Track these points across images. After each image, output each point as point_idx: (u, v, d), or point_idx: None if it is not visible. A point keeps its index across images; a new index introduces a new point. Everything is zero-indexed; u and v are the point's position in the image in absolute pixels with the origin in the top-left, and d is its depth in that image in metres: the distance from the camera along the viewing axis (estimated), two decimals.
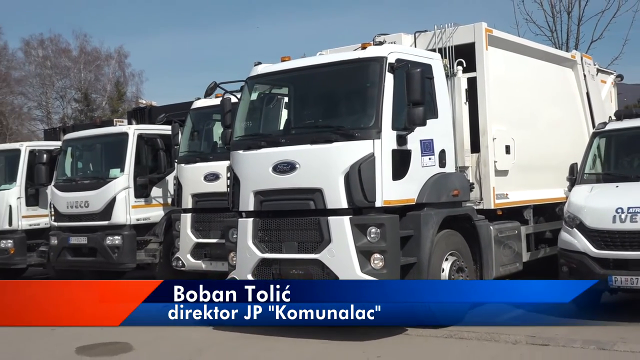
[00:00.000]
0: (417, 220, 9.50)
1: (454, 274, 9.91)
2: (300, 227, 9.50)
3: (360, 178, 9.01)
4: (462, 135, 10.85)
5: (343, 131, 9.34)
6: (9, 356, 9.30)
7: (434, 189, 9.81)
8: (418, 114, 9.10)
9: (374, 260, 9.04)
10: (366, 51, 9.59)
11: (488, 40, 11.05)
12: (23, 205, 16.55)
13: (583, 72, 13.84)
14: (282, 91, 10.66)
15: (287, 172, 9.48)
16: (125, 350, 9.43)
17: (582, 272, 9.47)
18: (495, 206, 10.99)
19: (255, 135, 10.26)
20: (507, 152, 11.26)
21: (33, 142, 19.36)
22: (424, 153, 9.76)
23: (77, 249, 15.01)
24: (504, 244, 11.01)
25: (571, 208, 10.06)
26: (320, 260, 9.27)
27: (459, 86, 10.83)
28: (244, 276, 9.83)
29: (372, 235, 9.05)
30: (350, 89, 9.87)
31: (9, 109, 56.77)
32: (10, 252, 16.28)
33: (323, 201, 9.26)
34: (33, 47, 58.79)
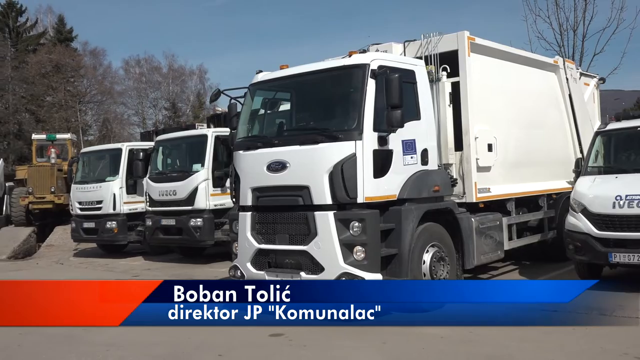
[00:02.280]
0: (398, 214, 8.31)
1: (435, 264, 8.67)
2: (290, 221, 8.46)
3: (342, 176, 7.94)
4: (446, 135, 9.58)
5: (328, 133, 8.25)
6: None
7: (415, 186, 8.59)
8: (396, 116, 7.98)
9: (356, 252, 7.94)
10: (351, 59, 8.43)
11: (470, 47, 9.69)
12: (124, 194, 16.86)
13: (565, 76, 12.33)
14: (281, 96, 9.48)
15: (279, 171, 8.43)
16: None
17: (586, 250, 9.26)
18: (477, 199, 9.69)
19: (254, 137, 9.18)
20: (489, 150, 9.93)
21: (132, 142, 19.37)
22: (405, 152, 8.56)
23: (167, 229, 15.13)
24: (485, 234, 9.68)
25: (577, 196, 9.62)
26: (308, 252, 8.22)
27: (443, 90, 9.55)
28: (244, 264, 8.90)
29: (355, 229, 7.94)
30: (336, 93, 8.72)
31: (113, 116, 57.55)
32: (114, 231, 16.66)
33: (310, 197, 8.19)
34: (131, 65, 59.81)
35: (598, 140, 10.35)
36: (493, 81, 10.28)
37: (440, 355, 6.93)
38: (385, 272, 8.22)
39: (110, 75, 59.46)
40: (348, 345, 7.33)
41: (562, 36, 22.23)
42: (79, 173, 18.14)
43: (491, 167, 9.98)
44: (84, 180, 17.67)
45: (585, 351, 6.87)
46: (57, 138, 25.63)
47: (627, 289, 9.13)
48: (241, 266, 8.90)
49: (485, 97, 9.96)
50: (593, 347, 6.97)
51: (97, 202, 16.94)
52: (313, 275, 8.12)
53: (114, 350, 7.45)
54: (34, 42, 57.37)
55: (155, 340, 7.65)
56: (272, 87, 9.27)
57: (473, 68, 9.68)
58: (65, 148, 25.15)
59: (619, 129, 10.25)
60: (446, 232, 8.99)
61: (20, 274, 15.20)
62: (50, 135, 25.96)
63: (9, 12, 56.96)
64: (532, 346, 7.04)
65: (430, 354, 6.95)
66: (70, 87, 56.13)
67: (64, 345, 7.11)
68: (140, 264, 15.96)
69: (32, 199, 21.70)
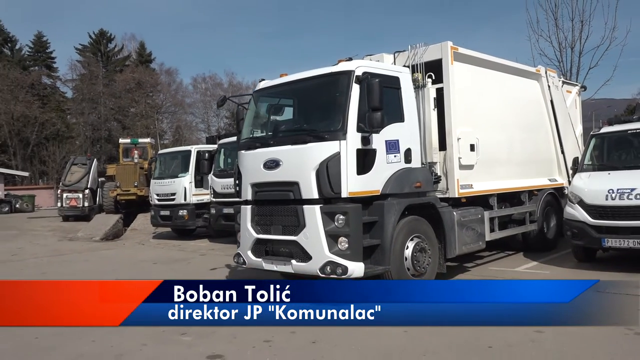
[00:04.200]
0: (381, 208, 7.41)
1: (416, 254, 7.73)
2: (283, 214, 7.64)
3: (327, 173, 7.11)
4: (431, 136, 8.57)
5: (315, 134, 7.40)
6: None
7: (397, 182, 7.66)
8: (376, 118, 7.11)
9: (340, 243, 7.09)
10: (337, 66, 7.55)
11: (453, 56, 8.66)
12: (193, 187, 16.67)
13: (547, 84, 11.18)
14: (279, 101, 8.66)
15: (274, 168, 7.63)
16: None
17: (582, 236, 9.01)
18: (459, 195, 8.65)
19: (254, 138, 8.39)
20: (471, 150, 8.89)
21: (199, 145, 18.85)
22: (389, 151, 7.64)
23: (228, 216, 14.45)
24: (467, 226, 8.66)
25: (574, 189, 9.37)
26: (297, 242, 7.39)
27: (428, 95, 8.54)
28: (245, 252, 8.15)
29: (339, 221, 7.09)
30: (325, 97, 7.81)
31: (184, 124, 57.75)
32: (185, 218, 16.52)
33: (299, 192, 7.36)
34: (198, 82, 60.24)
35: (593, 142, 10.01)
36: (476, 87, 9.22)
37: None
38: (369, 261, 7.36)
39: (181, 90, 59.93)
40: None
41: (561, 53, 21.46)
42: (156, 170, 18.04)
43: (474, 165, 8.96)
44: (161, 176, 17.55)
45: (584, 351, 5.62)
46: (139, 142, 25.79)
47: (617, 268, 8.94)
48: (243, 254, 8.18)
49: (468, 101, 8.93)
50: (591, 347, 5.74)
51: (171, 194, 16.83)
52: (302, 263, 7.32)
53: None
54: (121, 63, 58.03)
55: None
56: (271, 93, 8.46)
57: (456, 75, 8.66)
58: (146, 150, 25.19)
59: (611, 132, 9.94)
60: (429, 224, 8.04)
61: (110, 252, 15.06)
62: (133, 140, 26.10)
63: (101, 40, 57.80)
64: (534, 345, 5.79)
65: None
66: (150, 100, 56.64)
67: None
68: (205, 245, 15.64)
69: (119, 191, 21.86)
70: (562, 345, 5.55)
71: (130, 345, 5.87)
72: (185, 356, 5.59)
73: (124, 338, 6.07)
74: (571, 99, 12.46)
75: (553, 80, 11.29)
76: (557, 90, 11.40)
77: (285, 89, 8.24)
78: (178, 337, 6.11)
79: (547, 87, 11.09)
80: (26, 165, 52.28)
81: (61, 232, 20.95)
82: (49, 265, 12.52)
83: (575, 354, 5.41)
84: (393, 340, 5.80)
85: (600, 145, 10.05)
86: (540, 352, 5.42)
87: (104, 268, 11.88)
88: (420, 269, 7.71)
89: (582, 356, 5.39)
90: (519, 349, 5.48)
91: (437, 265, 8.10)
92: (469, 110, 8.92)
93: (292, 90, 8.20)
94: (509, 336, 5.73)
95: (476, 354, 5.42)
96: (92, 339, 6.08)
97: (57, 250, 15.40)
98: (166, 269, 11.22)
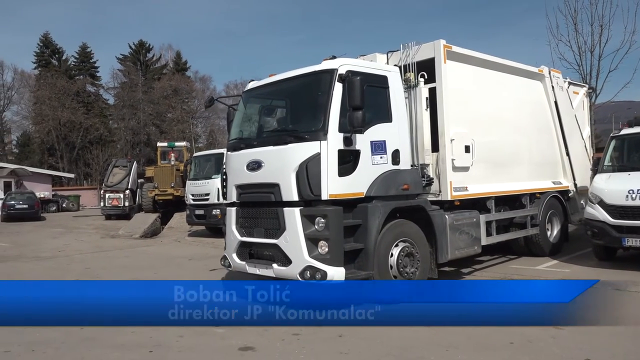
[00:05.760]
0: (365, 211, 6.72)
1: (403, 258, 6.99)
2: (265, 216, 7.03)
3: (307, 174, 6.46)
4: (423, 137, 7.81)
5: (296, 134, 6.77)
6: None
7: (382, 184, 6.95)
8: (357, 117, 6.44)
9: (320, 247, 6.44)
10: (321, 64, 6.87)
11: (446, 55, 7.90)
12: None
13: (551, 84, 10.25)
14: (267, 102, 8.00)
15: (256, 170, 7.04)
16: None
17: (602, 235, 8.70)
18: (452, 198, 7.88)
19: (239, 139, 7.76)
20: (466, 151, 8.11)
21: None
22: (374, 152, 6.93)
23: None
24: (461, 230, 7.87)
25: (594, 190, 9.02)
26: (278, 245, 6.76)
27: (420, 95, 7.78)
28: (231, 255, 7.57)
29: (320, 224, 6.43)
30: (308, 97, 7.14)
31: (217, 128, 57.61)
32: (218, 216, 15.90)
33: (280, 194, 6.73)
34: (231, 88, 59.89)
35: (613, 143, 9.63)
36: (471, 87, 8.43)
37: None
38: (353, 266, 6.69)
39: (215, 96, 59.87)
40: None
41: (581, 57, 20.33)
42: (191, 172, 17.85)
43: (469, 167, 8.17)
44: (196, 178, 17.32)
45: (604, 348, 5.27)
46: (175, 145, 25.88)
47: (638, 267, 8.67)
48: (228, 256, 7.61)
49: (463, 101, 8.15)
50: (611, 345, 5.43)
51: (205, 195, 16.53)
52: (283, 267, 6.70)
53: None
54: (158, 72, 58.49)
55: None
56: (259, 94, 7.83)
57: (450, 74, 7.91)
58: (182, 153, 25.25)
59: (631, 134, 9.55)
60: (418, 228, 7.30)
61: (149, 249, 15.09)
62: (170, 143, 26.26)
63: (140, 50, 58.38)
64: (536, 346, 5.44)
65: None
66: (185, 106, 56.89)
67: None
68: None
69: (157, 192, 21.87)
70: (582, 342, 5.31)
71: (168, 336, 5.81)
72: (219, 347, 5.50)
73: (162, 330, 6.00)
74: (578, 100, 11.49)
75: (557, 81, 10.37)
76: (561, 91, 10.47)
77: (272, 89, 7.62)
78: (212, 329, 6.00)
79: (550, 87, 10.18)
80: (72, 168, 53.14)
81: (104, 230, 21.26)
82: (93, 260, 12.70)
83: (594, 350, 5.05)
84: (417, 334, 5.65)
85: (620, 146, 9.66)
86: (560, 348, 5.12)
87: (142, 263, 11.93)
88: (406, 274, 6.98)
89: (601, 353, 5.02)
90: (539, 345, 5.23)
91: (427, 271, 7.37)
92: (463, 110, 8.15)
93: (278, 90, 7.58)
94: (530, 332, 5.56)
95: (497, 349, 5.17)
96: (132, 330, 6.05)
97: (100, 247, 15.62)
98: (200, 265, 11.14)
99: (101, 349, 5.53)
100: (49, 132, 52.36)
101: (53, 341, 5.81)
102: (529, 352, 5.04)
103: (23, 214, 27.98)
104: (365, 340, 5.47)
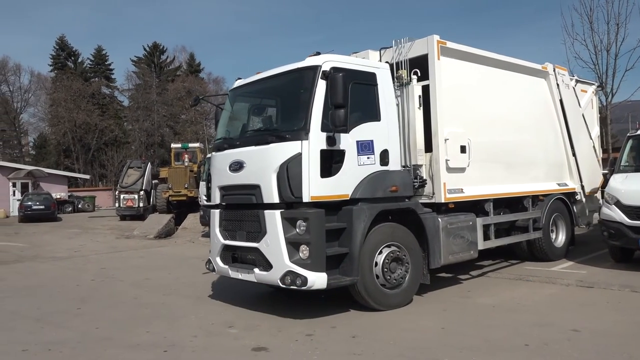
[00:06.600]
0: (350, 214, 6.40)
1: (390, 264, 6.67)
2: (247, 219, 6.76)
3: (287, 175, 6.18)
4: (415, 136, 7.45)
5: (277, 133, 6.50)
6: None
7: (369, 186, 6.63)
8: (339, 115, 6.12)
9: (302, 251, 6.15)
10: (304, 61, 6.58)
11: (440, 51, 7.57)
12: None
13: (556, 82, 9.81)
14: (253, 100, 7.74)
15: (238, 171, 6.79)
16: None
17: (619, 236, 8.52)
18: (446, 200, 7.52)
19: (223, 138, 7.52)
20: (462, 152, 7.75)
21: None
22: (361, 152, 6.62)
23: None
24: (455, 234, 7.49)
25: (610, 190, 8.82)
26: (259, 249, 6.49)
27: (413, 93, 7.44)
28: (215, 258, 7.33)
29: (301, 228, 6.14)
30: (291, 95, 6.89)
31: None
32: None
33: (261, 196, 6.45)
34: None
35: (630, 143, 9.47)
36: (468, 84, 8.06)
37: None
38: (338, 271, 6.40)
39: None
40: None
41: (596, 56, 19.86)
42: (205, 173, 17.81)
43: (465, 168, 7.81)
44: (209, 178, 17.16)
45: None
46: (189, 146, 25.95)
47: None
48: (213, 260, 7.38)
49: (458, 100, 7.79)
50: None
51: None
52: (264, 272, 6.44)
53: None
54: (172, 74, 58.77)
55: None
56: (245, 92, 7.58)
57: (444, 71, 7.57)
58: (195, 154, 25.35)
59: None
60: (409, 232, 6.97)
61: (163, 249, 15.20)
62: (184, 145, 26.26)
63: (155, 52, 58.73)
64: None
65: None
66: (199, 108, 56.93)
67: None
68: None
69: (171, 192, 21.99)
70: (598, 344, 5.14)
71: (181, 337, 5.86)
72: (233, 347, 5.49)
73: (176, 330, 6.15)
74: (586, 98, 11.05)
75: (563, 79, 9.93)
76: (567, 89, 10.03)
77: (257, 87, 7.35)
78: (225, 329, 6.13)
79: (555, 85, 9.75)
80: (87, 169, 53.66)
81: (118, 231, 21.45)
82: (108, 260, 12.78)
83: (611, 353, 4.88)
84: (430, 336, 5.61)
85: (637, 146, 9.40)
86: (577, 351, 4.96)
87: (156, 264, 11.98)
88: (393, 280, 6.67)
89: (618, 356, 4.81)
90: (555, 347, 5.07)
91: (420, 276, 7.04)
92: (459, 109, 7.80)
93: (263, 88, 7.31)
94: (546, 334, 5.47)
95: (512, 351, 5.01)
96: (147, 330, 6.16)
97: (115, 247, 15.73)
98: None
99: (116, 348, 5.55)
100: (65, 134, 52.94)
101: (69, 341, 5.85)
102: (544, 355, 4.86)
103: (40, 214, 28.37)
104: (378, 342, 5.42)
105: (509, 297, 7.23)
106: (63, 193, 37.45)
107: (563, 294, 7.34)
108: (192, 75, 57.05)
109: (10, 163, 39.52)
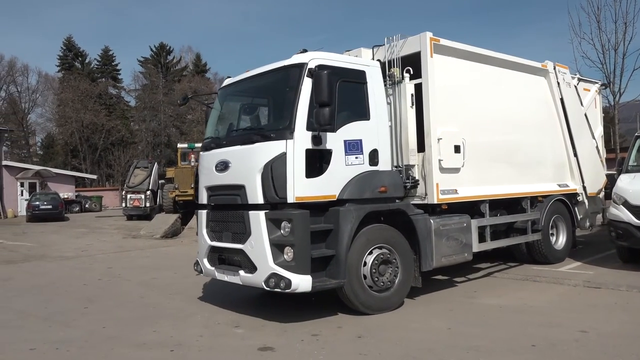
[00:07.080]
0: (336, 215, 6.24)
1: (378, 266, 6.50)
2: (233, 220, 6.62)
3: (272, 176, 6.03)
4: (408, 136, 7.29)
5: (262, 132, 6.38)
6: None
7: (357, 186, 6.46)
8: (324, 114, 5.96)
9: (286, 253, 5.99)
10: (290, 59, 6.44)
11: (433, 49, 7.39)
12: None
13: (557, 80, 9.58)
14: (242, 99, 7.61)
15: (224, 171, 6.66)
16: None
17: (627, 237, 8.46)
18: (438, 201, 7.33)
19: (212, 138, 7.39)
20: (456, 152, 7.56)
21: None
22: (349, 152, 6.45)
23: None
24: (448, 236, 7.30)
25: (618, 190, 8.73)
26: (244, 250, 6.34)
27: (405, 92, 7.28)
28: (202, 260, 7.19)
29: (285, 229, 5.99)
30: (277, 93, 6.76)
31: None
32: None
33: (246, 197, 6.31)
34: None
35: (638, 143, 9.37)
36: (463, 83, 7.87)
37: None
38: (325, 273, 6.24)
39: None
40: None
41: (604, 55, 19.54)
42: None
43: (459, 168, 7.63)
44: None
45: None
46: (195, 146, 25.51)
47: None
48: (200, 262, 7.24)
49: (452, 98, 7.60)
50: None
51: None
52: (249, 275, 6.29)
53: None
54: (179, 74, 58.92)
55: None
56: (234, 91, 7.45)
57: (437, 69, 7.39)
58: None
59: None
60: (399, 233, 6.79)
61: (169, 249, 15.18)
62: (190, 144, 26.11)
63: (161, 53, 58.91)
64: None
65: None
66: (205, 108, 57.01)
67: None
68: None
69: (178, 192, 21.86)
70: (606, 346, 5.07)
71: (188, 336, 5.86)
72: (239, 347, 5.46)
73: (182, 329, 6.16)
74: (589, 97, 10.80)
75: (564, 77, 9.71)
76: (568, 88, 9.81)
77: (245, 85, 7.22)
78: (231, 329, 6.12)
79: (556, 84, 9.53)
80: (94, 169, 53.91)
81: (125, 230, 21.50)
82: (115, 260, 12.80)
83: (619, 355, 4.80)
84: (437, 336, 5.56)
85: None
86: (584, 352, 4.91)
87: (163, 263, 11.98)
88: (382, 283, 6.50)
89: (626, 357, 4.75)
90: (562, 348, 5.01)
91: (411, 279, 6.87)
92: (454, 108, 7.61)
93: (250, 86, 7.17)
94: (553, 335, 5.40)
95: (519, 352, 4.95)
96: (154, 329, 6.16)
97: (122, 247, 15.76)
98: None
99: (123, 347, 5.56)
100: (72, 134, 53.23)
101: (76, 340, 5.85)
102: (552, 356, 4.80)
103: (47, 214, 28.50)
104: (384, 342, 5.40)
105: (515, 297, 7.15)
106: (70, 193, 37.64)
107: (570, 295, 7.26)
108: (198, 76, 57.18)
109: (18, 163, 39.76)
